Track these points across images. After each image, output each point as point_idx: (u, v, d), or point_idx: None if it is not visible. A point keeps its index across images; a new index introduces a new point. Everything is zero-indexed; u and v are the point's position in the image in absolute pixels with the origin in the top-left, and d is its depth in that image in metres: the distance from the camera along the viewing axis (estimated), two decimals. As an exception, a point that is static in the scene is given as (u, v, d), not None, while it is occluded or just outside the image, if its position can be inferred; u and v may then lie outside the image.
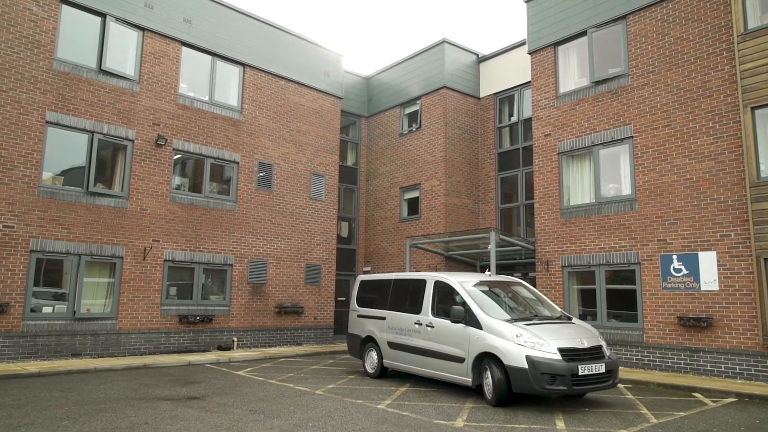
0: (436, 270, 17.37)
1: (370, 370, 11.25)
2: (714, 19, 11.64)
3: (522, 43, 17.37)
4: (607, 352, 8.42)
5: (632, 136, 12.72)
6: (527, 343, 7.97)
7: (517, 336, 8.10)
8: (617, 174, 13.13)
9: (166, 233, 14.30)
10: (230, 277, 15.54)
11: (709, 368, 11.00)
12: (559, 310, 9.64)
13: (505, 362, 8.03)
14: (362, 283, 12.28)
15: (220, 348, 14.94)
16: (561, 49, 14.68)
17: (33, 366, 11.16)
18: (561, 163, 14.23)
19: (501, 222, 17.64)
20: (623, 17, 13.21)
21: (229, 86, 16.20)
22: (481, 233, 14.22)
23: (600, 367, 8.03)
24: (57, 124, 12.80)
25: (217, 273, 15.43)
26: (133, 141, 13.95)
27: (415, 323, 10.01)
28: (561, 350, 7.93)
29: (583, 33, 14.02)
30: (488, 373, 8.34)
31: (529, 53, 15.33)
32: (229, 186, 15.90)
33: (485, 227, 17.05)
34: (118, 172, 13.85)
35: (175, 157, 14.87)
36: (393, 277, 11.32)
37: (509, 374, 7.99)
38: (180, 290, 14.67)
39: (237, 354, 14.19)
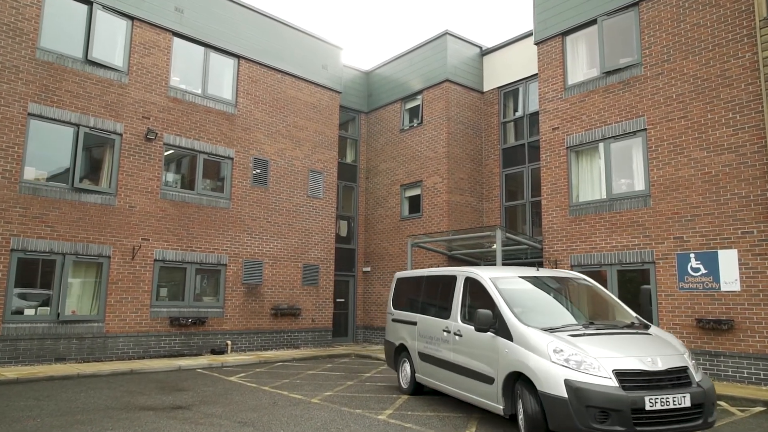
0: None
1: (403, 385, 9.56)
2: (733, 4, 11.00)
3: (527, 35, 16.75)
4: (696, 376, 6.05)
5: (646, 129, 12.08)
6: (570, 362, 5.87)
7: (555, 351, 6.00)
8: (629, 168, 12.48)
9: (156, 232, 13.65)
10: (224, 277, 14.89)
11: (730, 374, 10.35)
12: (633, 314, 7.43)
13: (538, 388, 5.98)
14: (398, 281, 10.47)
15: (213, 352, 14.29)
16: (569, 39, 14.03)
17: (12, 372, 10.52)
18: (569, 157, 13.59)
19: (506, 220, 17.00)
20: (635, 4, 12.56)
21: (223, 79, 15.57)
22: (486, 231, 13.57)
23: (682, 399, 5.67)
24: (40, 117, 12.16)
25: (211, 273, 14.78)
26: (121, 135, 13.31)
27: (444, 330, 8.14)
28: (618, 373, 5.75)
29: (593, 21, 13.38)
30: (521, 400, 6.33)
31: (536, 43, 14.69)
32: (223, 183, 15.26)
33: (490, 225, 16.40)
34: (106, 168, 13.21)
35: (166, 153, 14.23)
36: (425, 274, 9.55)
37: (543, 405, 5.94)
38: (171, 291, 14.02)
39: (230, 358, 13.54)
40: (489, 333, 6.94)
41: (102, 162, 13.24)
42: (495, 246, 13.28)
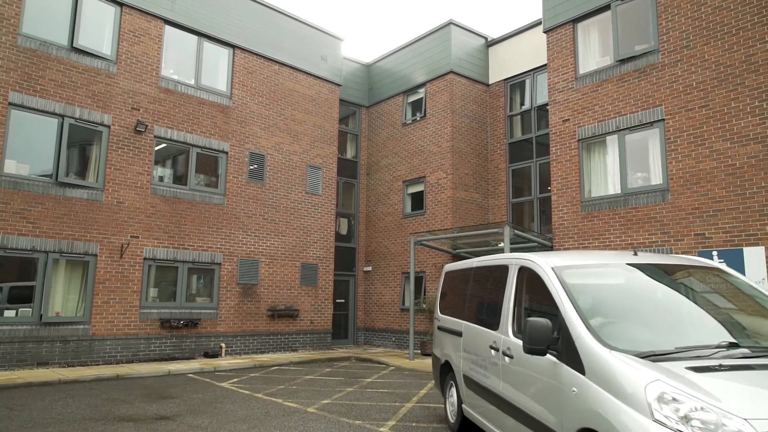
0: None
1: (450, 417, 6.90)
2: (759, -15, 10.30)
3: (534, 25, 16.07)
4: None
5: (663, 119, 11.38)
6: (692, 423, 3.08)
7: (660, 400, 3.21)
8: (646, 161, 11.78)
9: (146, 229, 12.98)
10: (218, 277, 14.21)
11: (757, 380, 9.63)
12: None
13: None
14: (447, 276, 7.96)
15: (206, 355, 13.61)
16: (580, 26, 13.33)
17: (-12, 377, 9.84)
18: (581, 150, 12.89)
19: (512, 217, 16.30)
20: (652, -12, 11.87)
21: (217, 69, 14.90)
22: (493, 228, 12.88)
23: None
24: (22, 107, 11.49)
25: (204, 273, 14.10)
26: (109, 127, 12.64)
27: (491, 347, 5.45)
28: None
29: (606, 7, 12.68)
30: None
31: (545, 32, 13.98)
32: (218, 178, 14.58)
33: (497, 222, 15.70)
34: (92, 161, 12.54)
35: (157, 146, 13.55)
36: (474, 265, 6.90)
37: None
38: (162, 292, 13.35)
39: (224, 362, 12.86)
40: (549, 357, 4.23)
41: (88, 155, 12.56)
42: (502, 244, 12.60)
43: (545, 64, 15.01)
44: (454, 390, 6.82)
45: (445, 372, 7.25)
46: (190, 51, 14.34)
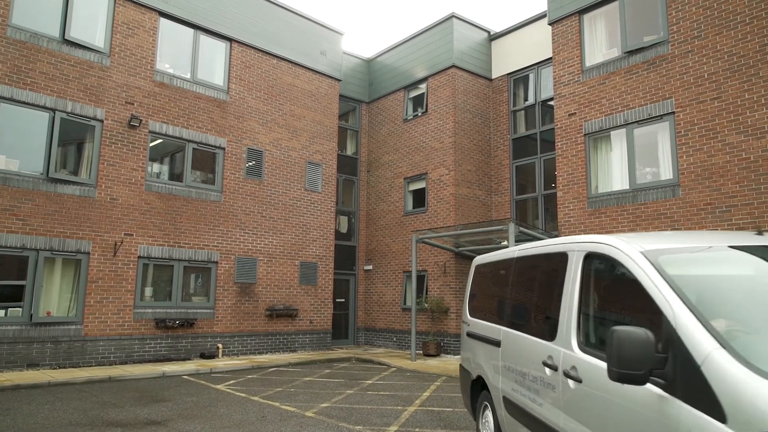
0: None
1: None
2: (774, -28, 9.93)
3: (538, 17, 15.72)
4: None
5: (674, 112, 11.02)
6: None
7: None
8: (655, 156, 11.43)
9: (140, 226, 12.62)
10: (215, 275, 13.85)
11: (773, 382, 9.27)
12: None
13: None
14: (477, 271, 6.48)
15: (203, 356, 13.26)
16: (587, 17, 12.97)
17: (-25, 380, 9.49)
18: (588, 145, 12.53)
19: (516, 215, 15.94)
20: (661, -23, 11.51)
21: (214, 63, 14.54)
22: (497, 225, 12.53)
23: None
24: (11, 100, 11.14)
25: (200, 271, 13.74)
26: (102, 121, 12.28)
27: (544, 363, 3.96)
28: None
29: (614, -3, 12.33)
30: None
31: (550, 23, 13.62)
32: (214, 174, 14.22)
33: (501, 219, 15.34)
34: (85, 156, 12.18)
35: (152, 142, 13.19)
36: (516, 255, 5.25)
37: None
38: (157, 291, 12.99)
39: (221, 363, 12.51)
40: (649, 387, 2.73)
41: (81, 150, 12.21)
42: (506, 242, 12.25)
43: (549, 58, 14.70)
44: (489, 413, 5.31)
45: (477, 389, 5.76)
46: (186, 44, 13.99)
